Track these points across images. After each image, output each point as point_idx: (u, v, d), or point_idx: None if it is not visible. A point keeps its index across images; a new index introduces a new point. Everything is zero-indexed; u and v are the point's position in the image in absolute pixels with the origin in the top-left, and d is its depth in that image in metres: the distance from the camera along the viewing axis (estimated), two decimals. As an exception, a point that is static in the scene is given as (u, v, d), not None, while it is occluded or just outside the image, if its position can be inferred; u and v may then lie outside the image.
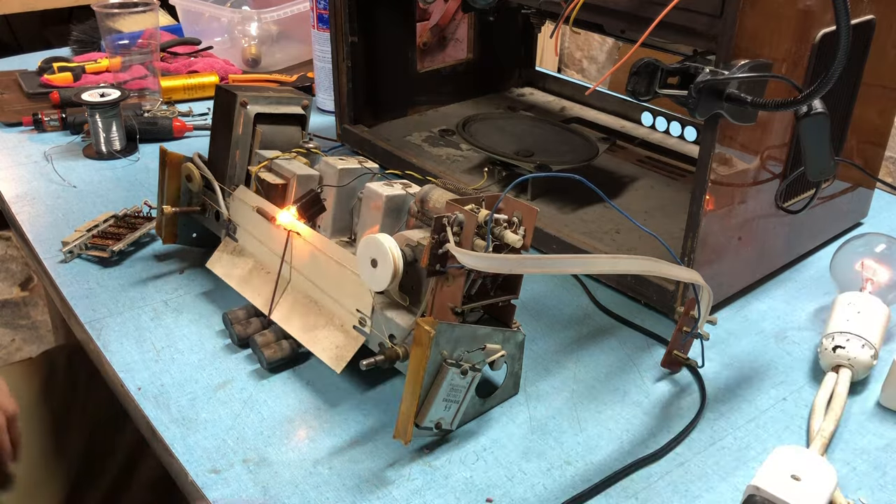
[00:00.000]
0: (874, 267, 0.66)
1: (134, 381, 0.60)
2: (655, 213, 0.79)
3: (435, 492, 0.51)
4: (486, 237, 0.51)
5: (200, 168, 0.69)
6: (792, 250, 0.75)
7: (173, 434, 0.55)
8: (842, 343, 0.59)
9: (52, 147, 0.98)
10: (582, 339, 0.66)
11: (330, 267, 0.59)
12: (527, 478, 0.52)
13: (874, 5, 0.67)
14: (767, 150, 0.65)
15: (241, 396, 0.59)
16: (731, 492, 0.52)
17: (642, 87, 0.59)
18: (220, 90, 0.69)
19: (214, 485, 0.51)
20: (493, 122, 0.88)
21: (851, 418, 0.58)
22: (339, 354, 0.58)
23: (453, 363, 0.51)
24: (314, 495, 0.51)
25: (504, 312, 0.57)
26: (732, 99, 0.56)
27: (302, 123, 0.71)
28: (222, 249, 0.69)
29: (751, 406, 0.59)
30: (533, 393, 0.60)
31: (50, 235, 0.78)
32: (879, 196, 0.87)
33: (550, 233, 0.74)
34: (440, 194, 0.56)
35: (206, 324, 0.66)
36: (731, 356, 0.64)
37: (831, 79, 0.51)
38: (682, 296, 0.65)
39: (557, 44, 2.54)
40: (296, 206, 0.62)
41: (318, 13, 1.08)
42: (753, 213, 0.67)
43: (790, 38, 0.60)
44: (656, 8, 0.56)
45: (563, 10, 0.64)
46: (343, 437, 0.55)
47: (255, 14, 1.23)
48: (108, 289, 0.71)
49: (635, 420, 0.57)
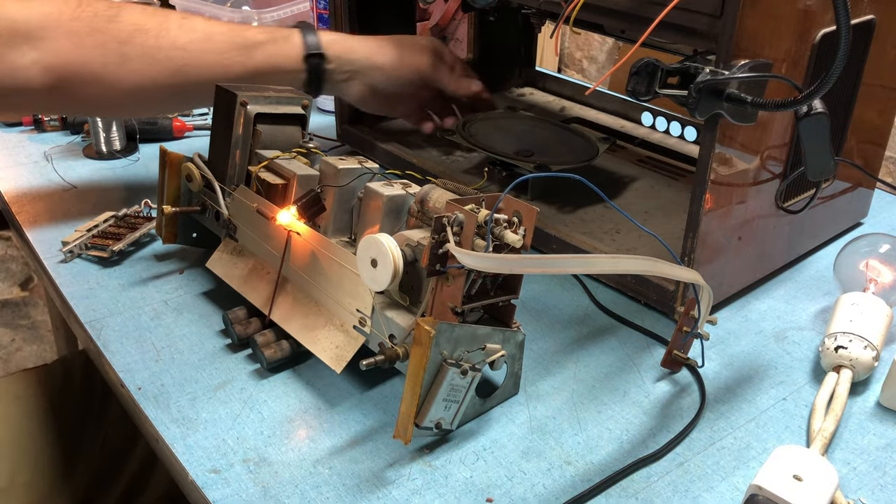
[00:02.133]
0: (878, 267, 0.66)
1: (134, 381, 0.60)
2: (655, 213, 0.79)
3: (435, 492, 0.51)
4: (486, 237, 0.51)
5: (200, 168, 0.69)
6: (792, 250, 0.75)
7: (173, 434, 0.55)
8: (844, 343, 0.59)
9: (52, 147, 0.98)
10: (582, 339, 0.66)
11: (330, 267, 0.59)
12: (527, 478, 0.52)
13: (874, 5, 0.67)
14: (767, 150, 0.65)
15: (241, 396, 0.59)
16: (731, 492, 0.52)
17: (642, 87, 0.59)
18: (220, 90, 0.69)
19: (214, 485, 0.51)
20: (493, 122, 0.88)
21: (851, 418, 0.58)
22: (339, 354, 0.58)
23: (453, 363, 0.51)
24: (314, 495, 0.51)
25: (504, 312, 0.57)
26: (732, 99, 0.56)
27: (302, 123, 0.71)
28: (222, 249, 0.69)
29: (751, 406, 0.59)
30: (533, 393, 0.60)
31: (50, 235, 0.78)
32: (879, 196, 0.87)
33: (550, 233, 0.74)
34: (440, 194, 0.56)
35: (206, 324, 0.66)
36: (731, 356, 0.64)
37: (831, 79, 0.51)
38: (682, 296, 0.65)
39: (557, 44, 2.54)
40: (296, 206, 0.62)
41: (318, 13, 1.08)
42: (753, 212, 0.67)
43: (790, 38, 0.60)
44: (656, 8, 0.56)
45: (563, 10, 0.64)
46: (343, 437, 0.55)
47: (255, 14, 1.23)
48: (108, 289, 0.71)
49: (635, 420, 0.57)
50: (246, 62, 0.77)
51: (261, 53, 0.78)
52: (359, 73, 0.83)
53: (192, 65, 0.75)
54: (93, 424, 0.87)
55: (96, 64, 0.73)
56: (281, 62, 0.79)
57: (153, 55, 0.74)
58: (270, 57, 0.79)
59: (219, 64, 0.76)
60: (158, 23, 0.75)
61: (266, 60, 0.79)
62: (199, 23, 0.77)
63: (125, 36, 0.73)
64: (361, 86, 0.84)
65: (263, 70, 0.79)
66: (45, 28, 0.71)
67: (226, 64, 0.77)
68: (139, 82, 0.74)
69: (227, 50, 0.77)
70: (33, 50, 0.70)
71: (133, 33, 0.74)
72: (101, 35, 0.72)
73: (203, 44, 0.76)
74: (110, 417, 0.87)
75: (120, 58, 0.73)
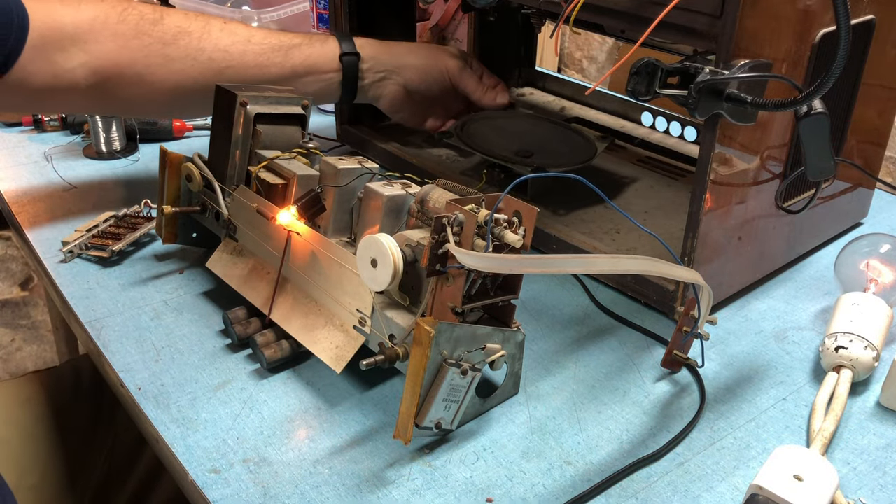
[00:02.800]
0: (879, 268, 0.66)
1: (134, 381, 0.60)
2: (655, 213, 0.79)
3: (435, 492, 0.51)
4: (486, 237, 0.51)
5: (200, 168, 0.69)
6: (792, 250, 0.75)
7: (173, 434, 0.55)
8: (844, 343, 0.59)
9: (52, 147, 0.98)
10: (582, 339, 0.66)
11: (330, 267, 0.59)
12: (527, 478, 0.52)
13: (874, 5, 0.67)
14: (767, 150, 0.65)
15: (241, 396, 0.59)
16: (731, 492, 0.52)
17: (642, 87, 0.59)
18: (220, 90, 0.69)
19: (214, 485, 0.51)
20: (490, 121, 0.88)
21: (851, 418, 0.58)
22: (339, 354, 0.58)
23: (453, 363, 0.51)
24: (314, 495, 0.51)
25: (504, 312, 0.57)
26: (732, 99, 0.56)
27: (302, 123, 0.71)
28: (222, 249, 0.69)
29: (751, 406, 0.59)
30: (533, 393, 0.60)
31: (50, 235, 0.78)
32: (879, 196, 0.87)
33: (550, 233, 0.74)
34: (440, 194, 0.56)
35: (206, 324, 0.66)
36: (731, 356, 0.64)
37: (831, 79, 0.51)
38: (682, 296, 0.65)
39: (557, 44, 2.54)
40: (296, 206, 0.62)
41: (318, 13, 1.08)
42: (753, 212, 0.67)
43: (790, 38, 0.60)
44: (656, 8, 0.56)
45: (563, 10, 0.64)
46: (343, 437, 0.55)
47: (255, 14, 1.23)
48: (108, 289, 0.71)
49: (635, 420, 0.57)
50: (284, 63, 0.79)
51: (298, 54, 0.80)
52: (393, 73, 0.85)
53: (233, 66, 0.77)
54: (102, 428, 0.87)
55: (140, 65, 0.74)
56: (318, 62, 0.81)
57: (196, 56, 0.76)
58: (308, 58, 0.81)
59: (257, 65, 0.78)
60: (201, 26, 0.77)
61: (303, 61, 0.80)
62: (240, 27, 0.80)
63: (169, 38, 0.75)
64: (395, 86, 0.86)
65: (300, 71, 0.80)
66: (93, 31, 0.72)
67: (264, 65, 0.78)
68: (181, 82, 0.76)
69: (265, 51, 0.79)
70: (81, 52, 0.72)
71: (177, 35, 0.75)
72: (147, 37, 0.74)
73: (243, 45, 0.78)
74: (119, 421, 0.87)
75: (163, 59, 0.75)
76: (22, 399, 0.84)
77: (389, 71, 0.85)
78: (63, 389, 0.87)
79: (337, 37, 0.83)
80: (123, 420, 0.87)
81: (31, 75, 0.71)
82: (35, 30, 0.69)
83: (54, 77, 0.72)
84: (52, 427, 0.84)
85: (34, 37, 0.69)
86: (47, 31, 0.70)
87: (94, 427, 0.87)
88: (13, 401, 0.84)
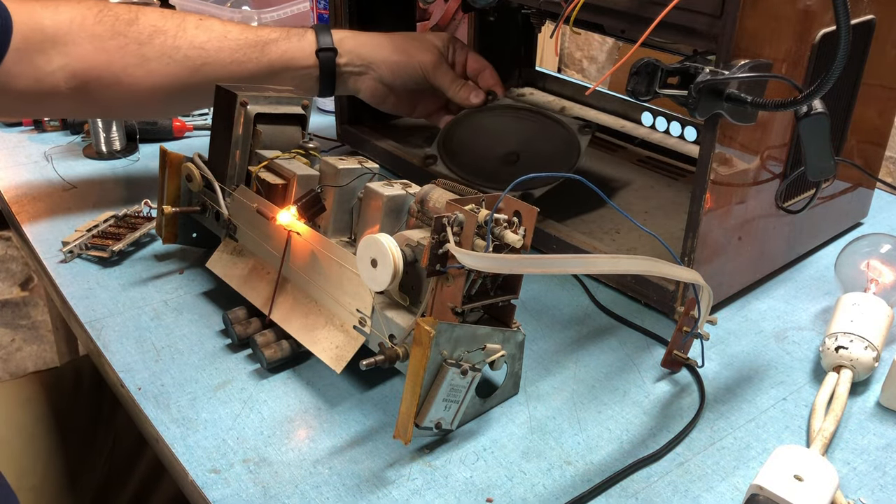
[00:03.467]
0: (879, 268, 0.66)
1: (134, 381, 0.60)
2: (655, 213, 0.79)
3: (435, 492, 0.51)
4: (486, 237, 0.51)
5: (200, 168, 0.69)
6: (792, 250, 0.75)
7: (173, 434, 0.55)
8: (845, 344, 0.59)
9: (52, 147, 0.98)
10: (582, 339, 0.66)
11: (330, 267, 0.59)
12: (527, 478, 0.52)
13: (874, 5, 0.67)
14: (767, 150, 0.65)
15: (241, 396, 0.59)
16: (731, 492, 0.52)
17: (642, 87, 0.59)
18: (220, 90, 0.69)
19: (214, 485, 0.51)
20: (471, 123, 0.87)
21: (851, 418, 0.58)
22: (339, 354, 0.58)
23: (453, 363, 0.51)
24: (314, 495, 0.51)
25: (504, 312, 0.57)
26: (732, 99, 0.56)
27: (302, 123, 0.71)
28: (222, 249, 0.69)
29: (751, 406, 0.59)
30: (533, 393, 0.60)
31: (50, 235, 0.78)
32: (879, 196, 0.87)
33: (550, 233, 0.74)
34: (440, 194, 0.56)
35: (206, 324, 0.66)
36: (731, 356, 0.64)
37: (831, 79, 0.51)
38: (682, 296, 0.65)
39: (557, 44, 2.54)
40: (296, 206, 0.62)
41: (318, 13, 1.08)
42: (753, 212, 0.67)
43: (790, 38, 0.60)
44: (656, 8, 0.56)
45: (563, 10, 0.64)
46: (343, 437, 0.55)
47: (255, 14, 1.23)
48: (108, 289, 0.71)
49: (635, 420, 0.57)
50: (260, 58, 0.78)
51: (274, 50, 0.79)
52: (369, 68, 0.84)
53: (209, 63, 0.77)
54: (102, 428, 0.87)
55: (117, 66, 0.74)
56: (294, 56, 0.80)
57: (171, 55, 0.75)
58: (284, 53, 0.80)
59: (234, 61, 0.77)
60: (176, 24, 0.76)
61: (280, 56, 0.80)
62: (215, 24, 0.78)
63: (144, 38, 0.75)
64: (372, 81, 0.85)
65: (277, 66, 0.80)
66: (70, 33, 0.72)
67: (241, 61, 0.78)
68: (159, 82, 0.76)
69: (241, 47, 0.78)
70: (60, 55, 0.72)
71: (152, 34, 0.75)
72: (122, 38, 0.74)
73: (219, 42, 0.77)
74: (119, 421, 0.87)
75: (139, 59, 0.74)
76: (22, 399, 0.84)
77: (366, 66, 0.84)
78: (63, 390, 0.87)
79: (315, 30, 0.82)
80: (123, 420, 0.87)
81: (15, 78, 0.70)
82: (18, 32, 0.69)
83: (36, 81, 0.71)
84: (52, 427, 0.83)
85: (17, 39, 0.69)
86: (30, 32, 0.70)
87: (94, 427, 0.86)
88: (13, 401, 0.84)
